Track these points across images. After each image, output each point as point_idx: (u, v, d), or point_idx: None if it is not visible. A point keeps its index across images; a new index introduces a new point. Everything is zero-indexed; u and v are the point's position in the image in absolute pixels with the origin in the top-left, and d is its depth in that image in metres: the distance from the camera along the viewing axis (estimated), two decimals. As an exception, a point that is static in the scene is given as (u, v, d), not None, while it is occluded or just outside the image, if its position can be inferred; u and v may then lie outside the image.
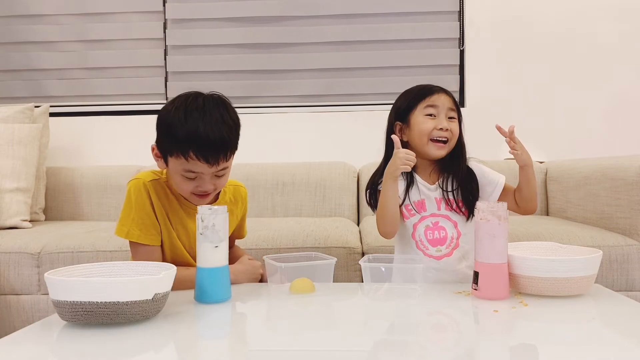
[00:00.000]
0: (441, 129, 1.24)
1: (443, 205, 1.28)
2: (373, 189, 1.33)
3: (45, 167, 2.25)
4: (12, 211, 1.96)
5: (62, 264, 1.60)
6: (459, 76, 2.46)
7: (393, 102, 1.35)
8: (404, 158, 1.18)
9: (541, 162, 2.24)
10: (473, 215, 1.26)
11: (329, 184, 2.19)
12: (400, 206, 1.28)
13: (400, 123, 1.30)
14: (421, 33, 2.46)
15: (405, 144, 1.28)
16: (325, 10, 2.49)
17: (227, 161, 1.13)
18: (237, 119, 1.16)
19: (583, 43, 2.41)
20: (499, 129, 1.21)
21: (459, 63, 2.47)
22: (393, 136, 1.23)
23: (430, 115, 1.25)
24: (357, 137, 2.43)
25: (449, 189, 1.28)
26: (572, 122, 2.40)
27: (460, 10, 2.46)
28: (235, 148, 1.16)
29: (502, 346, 0.84)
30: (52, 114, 2.35)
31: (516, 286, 1.08)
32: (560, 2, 2.42)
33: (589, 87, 2.41)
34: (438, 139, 1.25)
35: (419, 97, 1.27)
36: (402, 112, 1.29)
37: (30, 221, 2.02)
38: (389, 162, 1.21)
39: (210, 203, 1.22)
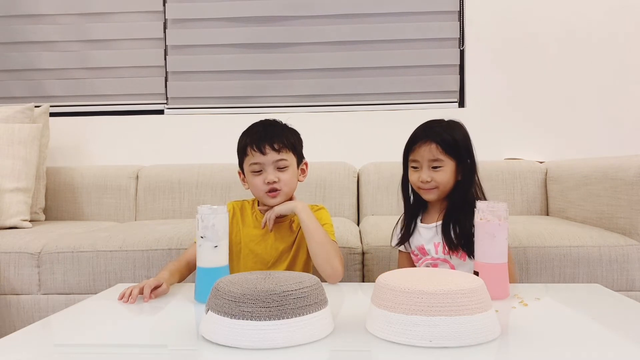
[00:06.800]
0: (422, 181, 1.30)
1: (440, 249, 1.32)
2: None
3: (45, 167, 2.25)
4: (12, 211, 1.96)
5: (62, 264, 1.60)
6: (459, 76, 2.46)
7: (393, 102, 1.36)
8: None
9: (541, 162, 2.24)
10: (472, 256, 1.24)
11: (329, 184, 2.18)
12: (407, 252, 1.40)
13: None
14: (421, 33, 2.46)
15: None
16: (325, 10, 2.49)
17: (278, 152, 1.30)
18: (292, 128, 1.41)
19: (583, 43, 2.41)
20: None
21: (459, 63, 2.47)
22: None
23: (415, 167, 1.32)
24: (357, 137, 2.43)
25: (452, 234, 1.28)
26: (572, 122, 2.40)
27: (460, 10, 2.46)
28: (288, 145, 1.34)
29: (502, 346, 0.84)
30: (52, 114, 2.36)
31: None
32: (560, 2, 2.42)
33: (589, 87, 2.41)
34: (423, 187, 1.31)
35: (407, 150, 1.34)
36: (403, 161, 1.37)
37: (30, 221, 2.02)
38: None
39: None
